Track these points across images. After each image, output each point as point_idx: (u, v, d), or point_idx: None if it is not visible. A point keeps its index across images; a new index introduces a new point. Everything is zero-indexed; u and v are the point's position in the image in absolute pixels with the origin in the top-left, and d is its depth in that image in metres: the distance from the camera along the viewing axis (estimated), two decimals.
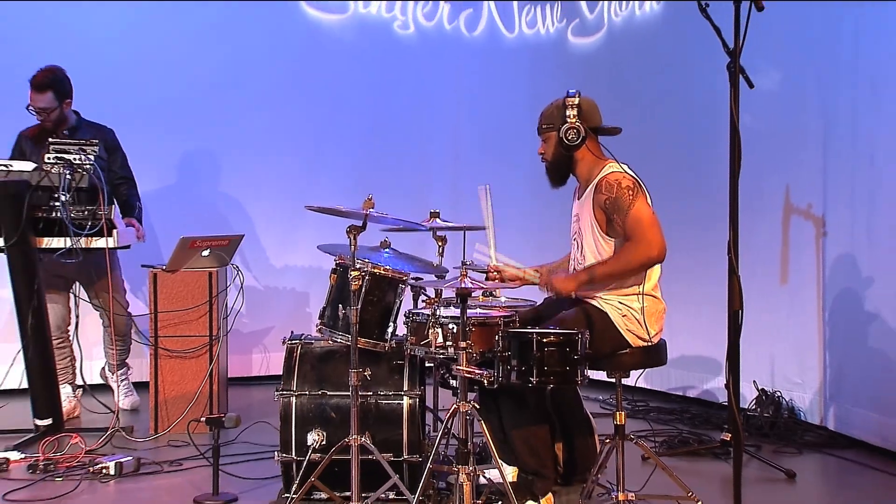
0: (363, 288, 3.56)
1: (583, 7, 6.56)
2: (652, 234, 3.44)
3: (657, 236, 3.45)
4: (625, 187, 3.50)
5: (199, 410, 4.87)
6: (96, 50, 6.08)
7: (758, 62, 3.19)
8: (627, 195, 3.48)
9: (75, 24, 6.11)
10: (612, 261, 3.52)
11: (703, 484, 3.80)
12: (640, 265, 3.49)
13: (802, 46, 4.93)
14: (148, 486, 4.01)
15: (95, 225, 4.65)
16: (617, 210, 3.49)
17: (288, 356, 3.80)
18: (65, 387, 5.17)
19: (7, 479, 4.06)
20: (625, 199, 3.48)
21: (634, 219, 3.45)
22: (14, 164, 4.59)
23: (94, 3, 6.15)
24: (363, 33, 6.84)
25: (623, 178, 3.52)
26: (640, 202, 3.48)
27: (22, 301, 4.62)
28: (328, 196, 4.50)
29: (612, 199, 3.50)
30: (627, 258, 3.47)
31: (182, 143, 6.42)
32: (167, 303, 4.96)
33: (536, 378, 3.18)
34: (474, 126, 6.98)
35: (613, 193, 3.50)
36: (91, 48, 6.05)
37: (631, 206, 3.46)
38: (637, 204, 3.47)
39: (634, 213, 3.46)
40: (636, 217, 3.46)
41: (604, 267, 3.52)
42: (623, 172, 3.56)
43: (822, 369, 4.85)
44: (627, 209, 3.46)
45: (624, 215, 3.47)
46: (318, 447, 3.60)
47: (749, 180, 2.98)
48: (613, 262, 3.51)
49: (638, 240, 3.45)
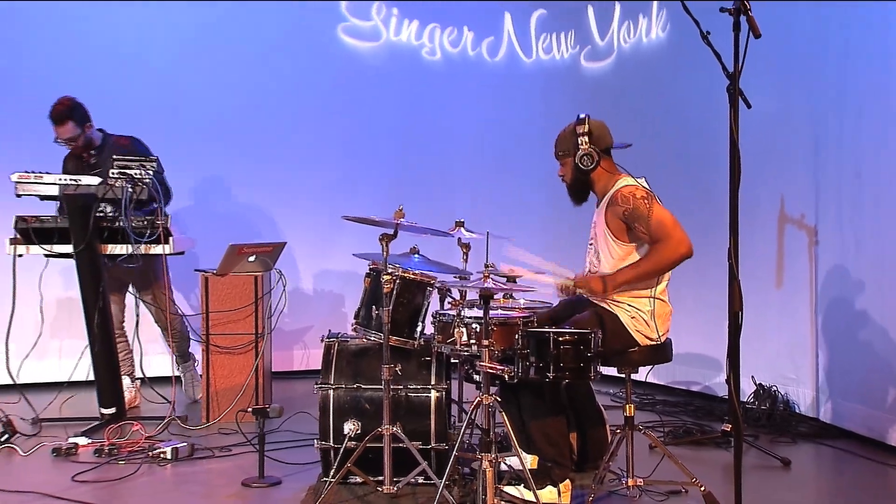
0: (394, 290, 3.57)
1: (594, 35, 6.53)
2: (677, 232, 3.42)
3: (683, 234, 3.43)
4: (640, 197, 3.48)
5: (246, 401, 4.89)
6: (157, 76, 6.13)
7: (753, 85, 3.17)
8: (644, 203, 3.46)
9: (136, 52, 6.17)
10: (645, 261, 3.48)
11: (706, 470, 3.77)
12: (672, 262, 3.46)
13: (793, 71, 4.90)
14: (201, 470, 4.03)
15: (153, 233, 4.69)
16: (638, 219, 3.46)
17: (326, 352, 3.80)
18: (125, 378, 5.18)
19: (76, 462, 4.09)
20: (642, 207, 3.46)
21: (658, 222, 3.43)
22: (82, 179, 4.62)
23: (154, 33, 6.22)
24: (394, 59, 6.85)
25: (636, 190, 3.51)
26: (657, 207, 3.47)
27: (89, 302, 4.66)
28: (362, 207, 4.48)
29: (630, 209, 3.48)
30: (659, 258, 3.44)
31: (232, 159, 6.45)
32: (217, 304, 4.98)
33: (553, 373, 3.17)
34: (494, 143, 6.96)
35: (630, 204, 3.48)
36: (152, 74, 6.11)
37: (650, 212, 3.45)
38: (656, 209, 3.46)
39: (656, 218, 3.44)
40: (659, 220, 3.43)
41: (637, 268, 3.47)
42: (635, 185, 3.55)
43: (814, 366, 4.81)
44: (648, 216, 3.44)
45: (646, 222, 3.44)
46: (353, 436, 3.59)
47: (746, 193, 2.95)
48: (646, 262, 3.47)
49: (666, 240, 3.42)
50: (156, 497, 3.63)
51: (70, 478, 3.83)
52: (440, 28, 6.92)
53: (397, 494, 3.46)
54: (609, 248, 3.59)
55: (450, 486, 3.39)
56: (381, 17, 6.80)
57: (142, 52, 6.17)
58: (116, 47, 6.11)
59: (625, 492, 3.50)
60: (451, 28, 6.94)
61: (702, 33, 2.92)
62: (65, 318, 5.84)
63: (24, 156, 5.13)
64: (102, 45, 6.09)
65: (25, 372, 4.92)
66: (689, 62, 5.49)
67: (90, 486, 3.75)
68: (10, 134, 5.90)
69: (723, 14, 2.83)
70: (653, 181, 3.68)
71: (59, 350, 5.83)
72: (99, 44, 6.09)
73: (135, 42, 6.17)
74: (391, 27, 6.82)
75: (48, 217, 4.65)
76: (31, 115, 5.87)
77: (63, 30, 6.06)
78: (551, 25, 6.92)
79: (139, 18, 6.19)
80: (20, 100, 5.96)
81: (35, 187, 4.56)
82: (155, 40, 6.23)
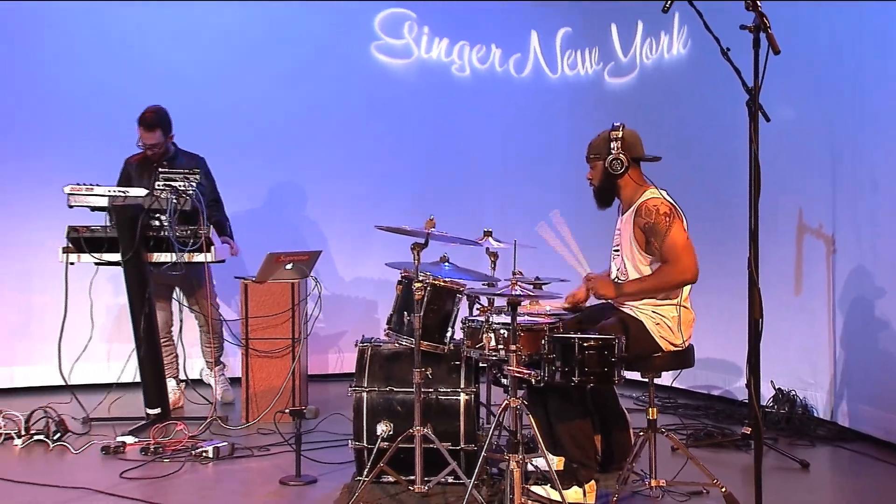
0: (425, 297, 3.56)
1: (618, 51, 6.51)
2: (686, 257, 3.43)
3: (691, 261, 3.43)
4: (662, 213, 3.47)
5: (284, 403, 4.90)
6: (199, 90, 6.19)
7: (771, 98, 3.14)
8: (665, 221, 3.45)
9: (181, 68, 6.23)
10: (651, 278, 3.50)
11: (727, 472, 3.74)
12: (674, 285, 3.49)
13: (810, 85, 4.86)
14: (240, 468, 4.05)
15: (196, 242, 4.72)
16: (655, 234, 3.46)
17: (360, 357, 3.80)
18: (169, 381, 5.23)
19: (124, 460, 4.13)
20: (662, 224, 3.45)
21: (671, 244, 3.44)
22: (130, 191, 4.66)
23: (198, 53, 6.29)
24: (425, 75, 6.87)
25: (661, 205, 3.50)
26: (676, 228, 3.45)
27: (135, 307, 4.70)
28: (394, 217, 4.51)
29: (651, 223, 3.47)
30: (664, 279, 3.46)
31: (270, 171, 6.50)
32: (256, 309, 5.01)
33: (578, 378, 3.16)
34: (520, 156, 6.95)
35: (652, 219, 3.47)
36: (195, 89, 6.17)
37: (668, 231, 3.44)
38: (673, 230, 3.44)
39: (671, 239, 3.44)
40: (672, 242, 3.44)
41: (642, 283, 3.51)
42: (661, 199, 3.53)
43: (832, 371, 4.75)
44: (665, 234, 3.44)
45: (661, 240, 3.44)
46: (386, 436, 3.59)
47: (765, 203, 2.92)
48: (651, 279, 3.50)
49: (673, 263, 3.43)
50: (198, 494, 3.65)
51: (118, 475, 3.87)
52: (469, 45, 6.93)
53: (428, 493, 3.46)
54: (634, 256, 3.58)
55: (479, 485, 3.38)
56: (413, 36, 6.82)
57: (183, 69, 6.24)
58: (156, 65, 6.17)
59: (648, 492, 3.48)
60: (480, 45, 6.95)
61: (722, 50, 2.90)
62: (113, 323, 5.91)
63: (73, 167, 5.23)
64: (143, 62, 6.16)
65: (76, 373, 4.96)
66: (709, 77, 5.46)
67: (137, 482, 3.78)
68: (60, 146, 6.00)
69: (742, 31, 2.82)
70: (674, 192, 3.66)
71: (107, 353, 5.89)
72: (140, 61, 6.16)
73: (176, 60, 6.24)
74: (422, 45, 6.84)
75: (98, 227, 4.69)
76: (77, 129, 6.03)
77: (108, 49, 6.14)
78: (576, 42, 6.91)
79: (182, 38, 6.27)
80: (67, 113, 6.06)
81: (86, 199, 4.61)
82: (198, 60, 6.30)
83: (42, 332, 5.75)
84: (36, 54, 6.03)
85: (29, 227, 5.92)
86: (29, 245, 5.91)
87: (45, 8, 6.00)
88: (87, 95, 6.08)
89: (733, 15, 2.86)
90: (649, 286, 3.50)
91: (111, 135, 5.89)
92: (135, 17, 6.17)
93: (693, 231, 3.60)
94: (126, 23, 6.16)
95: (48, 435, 4.40)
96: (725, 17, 2.92)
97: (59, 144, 6.02)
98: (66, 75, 6.06)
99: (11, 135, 6.01)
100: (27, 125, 6.03)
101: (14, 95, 6.02)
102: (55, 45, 6.05)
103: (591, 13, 6.76)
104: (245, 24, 6.41)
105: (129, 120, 5.13)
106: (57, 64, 6.06)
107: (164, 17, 6.22)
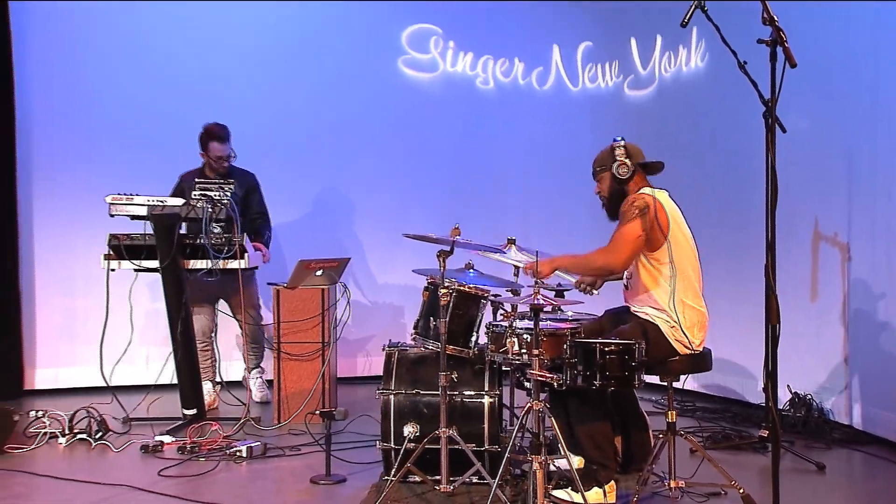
0: (451, 303, 3.57)
1: (637, 65, 6.49)
2: (622, 248, 3.45)
3: (625, 254, 3.46)
4: (635, 205, 3.48)
5: (314, 405, 4.92)
6: (238, 108, 6.21)
7: (788, 110, 3.12)
8: (631, 212, 3.46)
9: (222, 88, 6.30)
10: (582, 256, 3.58)
11: (744, 473, 3.71)
12: (598, 267, 3.60)
13: (827, 97, 4.81)
14: (273, 467, 4.07)
15: (230, 249, 4.76)
16: (620, 220, 3.49)
17: (387, 360, 3.81)
18: (206, 383, 5.27)
19: (162, 459, 4.16)
20: (628, 214, 3.47)
21: (619, 232, 3.48)
22: (168, 201, 4.71)
23: (237, 69, 6.37)
24: (450, 89, 6.88)
25: (639, 199, 3.49)
26: (635, 223, 3.44)
27: (173, 312, 4.74)
28: (419, 226, 4.51)
29: (622, 211, 3.49)
30: (592, 257, 3.55)
31: (302, 182, 6.52)
32: (288, 314, 5.02)
33: (599, 381, 3.15)
34: (543, 166, 6.94)
35: (625, 208, 3.49)
36: (235, 107, 6.19)
37: (627, 222, 3.45)
38: (632, 223, 3.44)
39: (623, 229, 3.46)
40: (621, 232, 3.47)
41: (574, 259, 3.59)
42: (646, 195, 3.51)
43: (847, 375, 4.70)
44: (623, 223, 3.47)
45: (618, 227, 3.49)
46: (412, 437, 3.60)
47: (782, 212, 2.90)
48: (583, 256, 3.58)
49: (609, 248, 3.49)
50: (232, 492, 3.67)
51: (156, 473, 3.90)
52: (493, 59, 6.93)
53: (453, 493, 3.46)
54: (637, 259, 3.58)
55: (502, 485, 3.38)
56: (439, 50, 6.84)
57: (224, 89, 6.29)
58: (197, 85, 6.25)
59: (667, 493, 3.45)
60: (503, 59, 6.95)
61: (739, 63, 2.89)
62: (151, 327, 5.95)
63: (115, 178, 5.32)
64: (183, 81, 6.25)
65: (117, 375, 5.02)
66: (726, 90, 5.42)
67: (174, 480, 3.82)
68: (103, 160, 6.09)
69: (758, 44, 2.80)
70: (691, 202, 3.65)
71: (146, 356, 5.94)
72: (184, 82, 6.25)
73: (216, 79, 6.30)
74: (448, 59, 6.85)
75: (137, 235, 4.74)
76: (119, 144, 6.11)
77: (152, 70, 6.22)
78: (596, 56, 6.89)
79: (221, 58, 6.34)
80: (111, 129, 6.15)
81: (126, 208, 4.66)
82: (237, 78, 6.36)
83: (85, 335, 5.82)
84: (83, 75, 6.11)
85: (73, 235, 6.00)
86: (73, 252, 5.99)
87: (92, 32, 6.11)
88: (130, 113, 6.15)
89: (750, 29, 2.84)
90: (579, 262, 3.58)
91: (152, 149, 6.05)
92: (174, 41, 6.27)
93: (712, 238, 3.59)
94: (168, 46, 6.26)
95: (90, 434, 4.44)
96: (742, 30, 2.90)
97: (102, 158, 6.10)
98: (111, 95, 6.14)
99: (59, 149, 6.09)
100: (73, 140, 6.11)
101: (62, 114, 6.11)
102: (102, 67, 6.13)
103: (612, 27, 6.74)
104: (280, 42, 6.47)
105: (171, 135, 5.19)
106: (102, 84, 6.13)
107: (204, 39, 6.31)
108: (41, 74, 6.04)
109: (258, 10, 6.40)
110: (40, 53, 6.04)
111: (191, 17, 6.26)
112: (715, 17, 3.02)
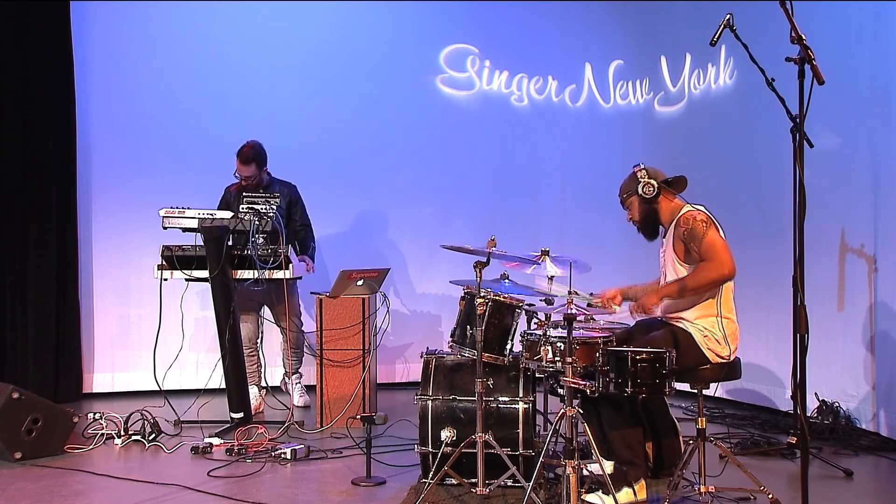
0: (487, 312, 3.58)
1: (667, 82, 6.46)
2: (723, 255, 3.41)
3: (728, 257, 3.41)
4: (699, 220, 3.49)
5: (355, 409, 4.94)
6: (290, 125, 6.36)
7: (815, 126, 3.09)
8: (702, 226, 3.46)
9: (271, 105, 6.39)
10: (689, 277, 3.48)
11: (773, 479, 3.65)
12: (712, 281, 3.44)
13: (855, 112, 4.75)
14: (316, 469, 4.09)
15: (276, 260, 4.81)
16: (693, 239, 3.46)
17: (425, 367, 3.82)
18: (252, 388, 5.32)
19: (211, 460, 4.21)
20: (699, 229, 3.46)
21: (709, 244, 3.43)
22: (217, 213, 4.79)
23: (284, 87, 6.45)
24: (486, 106, 6.90)
25: (698, 214, 3.52)
26: (712, 231, 3.46)
27: (221, 320, 4.79)
28: (456, 238, 4.54)
29: (689, 230, 3.48)
30: (702, 275, 3.43)
31: (344, 194, 6.57)
32: (330, 322, 5.04)
33: (631, 389, 3.14)
34: (576, 180, 6.93)
35: (690, 225, 3.49)
36: (287, 124, 6.33)
37: (705, 234, 3.44)
38: (710, 232, 3.45)
39: (709, 240, 3.43)
40: (710, 242, 3.43)
41: (682, 282, 3.48)
42: (697, 210, 3.55)
43: (874, 383, 4.62)
44: (702, 237, 3.44)
45: (699, 242, 3.44)
46: (449, 442, 3.60)
47: (809, 224, 2.87)
48: (690, 278, 3.47)
49: (711, 259, 3.41)
50: (277, 492, 3.69)
51: (206, 473, 3.95)
52: (527, 77, 6.94)
53: (489, 495, 3.45)
54: (675, 269, 3.57)
55: (536, 489, 3.36)
56: (475, 69, 6.87)
57: (272, 105, 6.39)
58: (246, 101, 6.36)
59: (697, 497, 3.41)
60: (537, 77, 6.96)
61: (767, 80, 2.88)
62: (201, 334, 6.05)
63: (167, 193, 5.41)
64: (233, 98, 6.35)
65: (169, 380, 5.09)
66: (754, 106, 5.39)
67: (222, 480, 3.86)
68: (157, 175, 6.20)
69: (787, 62, 2.79)
70: (720, 214, 3.63)
71: (196, 361, 6.03)
72: (229, 97, 6.35)
73: (264, 97, 6.40)
74: (483, 77, 6.88)
75: (189, 246, 4.82)
76: (173, 159, 6.22)
77: (204, 88, 6.34)
78: (627, 74, 6.88)
79: (269, 77, 6.43)
80: (165, 145, 6.27)
81: (178, 220, 4.75)
82: (284, 95, 6.45)
83: (139, 341, 5.94)
84: (138, 92, 6.24)
85: (128, 247, 6.12)
86: (127, 263, 6.11)
87: (149, 51, 6.25)
88: (183, 129, 6.28)
89: (778, 46, 2.83)
90: (687, 285, 3.45)
91: (204, 163, 6.14)
92: (227, 60, 6.39)
93: (742, 250, 3.56)
94: (220, 66, 6.38)
95: (144, 435, 4.51)
96: (770, 48, 2.89)
97: (156, 173, 6.21)
98: (166, 111, 6.26)
99: (116, 165, 6.23)
100: (129, 156, 6.24)
101: (120, 130, 6.24)
102: (156, 84, 6.26)
103: (642, 46, 6.72)
104: (326, 63, 6.55)
105: (222, 150, 5.27)
106: (157, 101, 6.25)
107: (255, 60, 6.42)
108: (99, 92, 6.18)
109: (305, 34, 6.51)
110: (98, 72, 6.17)
111: (244, 39, 6.39)
112: (743, 35, 3.01)
